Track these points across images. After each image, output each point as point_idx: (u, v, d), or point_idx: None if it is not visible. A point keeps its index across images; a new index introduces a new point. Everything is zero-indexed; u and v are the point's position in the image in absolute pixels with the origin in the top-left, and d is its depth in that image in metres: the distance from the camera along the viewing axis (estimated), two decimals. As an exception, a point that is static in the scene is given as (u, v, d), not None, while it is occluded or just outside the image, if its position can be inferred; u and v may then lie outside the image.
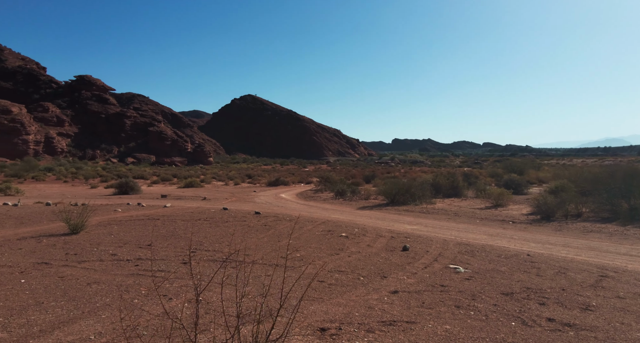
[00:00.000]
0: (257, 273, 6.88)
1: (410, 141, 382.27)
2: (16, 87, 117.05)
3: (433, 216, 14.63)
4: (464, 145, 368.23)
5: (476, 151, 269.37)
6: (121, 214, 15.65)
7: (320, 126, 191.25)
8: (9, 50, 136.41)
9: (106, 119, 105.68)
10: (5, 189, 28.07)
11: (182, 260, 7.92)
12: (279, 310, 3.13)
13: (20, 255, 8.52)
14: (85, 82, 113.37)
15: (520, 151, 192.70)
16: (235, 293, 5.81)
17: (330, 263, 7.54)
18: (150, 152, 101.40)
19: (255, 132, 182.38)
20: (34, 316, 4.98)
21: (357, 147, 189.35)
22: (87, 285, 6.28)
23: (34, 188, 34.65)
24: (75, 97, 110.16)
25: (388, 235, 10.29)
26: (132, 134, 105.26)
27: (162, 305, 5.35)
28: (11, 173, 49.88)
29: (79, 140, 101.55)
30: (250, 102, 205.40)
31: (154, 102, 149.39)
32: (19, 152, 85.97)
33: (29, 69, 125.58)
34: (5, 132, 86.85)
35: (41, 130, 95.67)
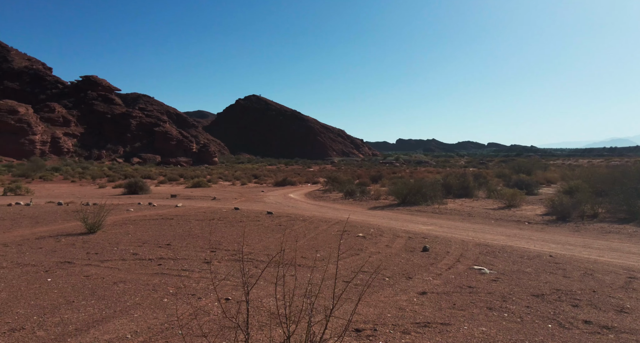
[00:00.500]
0: (279, 273, 6.87)
1: (414, 141, 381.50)
2: (22, 87, 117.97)
3: (446, 216, 14.58)
4: (469, 146, 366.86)
5: (481, 151, 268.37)
6: (134, 214, 15.72)
7: (325, 126, 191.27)
8: (15, 51, 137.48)
9: (112, 119, 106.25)
10: (15, 189, 28.26)
11: (204, 259, 7.94)
12: (332, 310, 3.12)
13: (42, 254, 8.57)
14: (91, 83, 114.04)
15: (525, 151, 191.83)
16: (261, 293, 5.83)
17: (352, 263, 7.53)
18: (156, 152, 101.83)
19: (259, 132, 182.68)
20: (67, 315, 5.01)
21: (361, 147, 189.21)
22: (114, 284, 6.31)
23: (42, 188, 34.84)
24: (81, 98, 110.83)
25: (405, 236, 10.26)
26: (138, 134, 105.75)
27: (192, 304, 5.38)
28: (19, 173, 50.29)
29: (85, 141, 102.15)
30: (254, 102, 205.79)
31: (158, 103, 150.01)
32: (25, 152, 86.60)
33: (35, 69, 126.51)
34: (12, 132, 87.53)
35: (47, 131, 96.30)
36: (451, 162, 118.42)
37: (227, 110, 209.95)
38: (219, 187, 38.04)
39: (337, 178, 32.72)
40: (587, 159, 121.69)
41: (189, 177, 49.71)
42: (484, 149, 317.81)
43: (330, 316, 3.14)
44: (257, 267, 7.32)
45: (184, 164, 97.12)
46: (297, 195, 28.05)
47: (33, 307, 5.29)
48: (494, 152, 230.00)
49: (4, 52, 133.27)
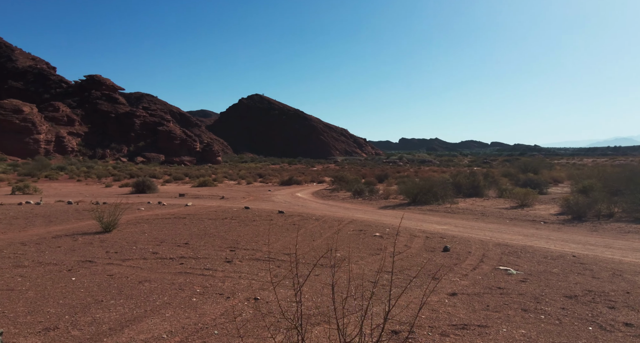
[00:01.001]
0: (302, 273, 6.82)
1: (417, 140, 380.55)
2: (27, 86, 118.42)
3: (460, 216, 14.51)
4: (472, 145, 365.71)
5: (484, 150, 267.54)
6: (146, 213, 15.72)
7: (328, 125, 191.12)
8: (19, 51, 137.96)
9: (116, 118, 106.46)
10: (23, 188, 28.35)
11: (225, 258, 7.90)
12: (387, 312, 3.07)
13: (62, 253, 8.56)
14: (95, 82, 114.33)
15: (529, 150, 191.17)
16: (289, 293, 5.79)
17: (374, 263, 7.48)
18: (160, 152, 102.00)
19: (262, 131, 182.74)
20: (99, 314, 4.99)
21: (364, 146, 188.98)
22: (139, 284, 6.28)
23: (49, 187, 34.94)
24: (85, 97, 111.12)
25: (422, 236, 10.20)
26: (142, 134, 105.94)
27: (221, 304, 5.34)
28: (24, 173, 50.44)
29: (89, 140, 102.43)
30: (257, 101, 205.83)
31: (162, 102, 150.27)
32: (30, 152, 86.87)
33: (39, 68, 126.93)
34: (16, 131, 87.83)
35: (52, 130, 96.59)
36: (455, 161, 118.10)
37: (231, 109, 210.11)
38: (225, 186, 38.05)
39: (344, 177, 32.67)
40: (592, 158, 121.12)
41: (195, 176, 49.76)
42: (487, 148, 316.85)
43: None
44: (279, 266, 7.28)
45: (187, 163, 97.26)
46: (304, 194, 28.02)
47: (63, 306, 5.27)
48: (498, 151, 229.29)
49: (8, 51, 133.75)
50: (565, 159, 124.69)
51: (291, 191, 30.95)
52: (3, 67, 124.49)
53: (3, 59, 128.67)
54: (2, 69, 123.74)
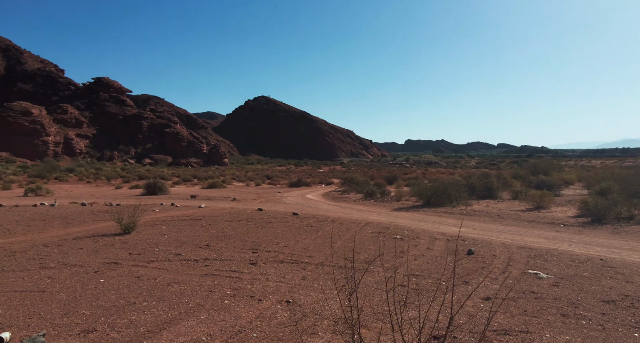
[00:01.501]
0: (330, 275, 6.79)
1: (423, 142, 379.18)
2: (36, 89, 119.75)
3: (476, 218, 14.40)
4: (478, 146, 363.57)
5: (491, 152, 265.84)
6: (161, 214, 15.78)
7: (334, 127, 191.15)
8: (28, 53, 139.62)
9: (124, 120, 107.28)
10: (36, 189, 28.60)
11: (249, 260, 7.89)
12: (451, 318, 3.03)
13: (85, 254, 8.60)
14: (103, 84, 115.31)
15: (536, 152, 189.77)
16: (321, 296, 5.75)
17: (399, 266, 7.42)
18: (167, 153, 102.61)
19: (268, 133, 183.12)
20: (134, 316, 4.99)
21: (370, 148, 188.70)
22: (168, 285, 6.28)
23: (59, 189, 35.22)
24: (93, 99, 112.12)
25: (443, 238, 10.13)
26: (149, 135, 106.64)
27: (254, 306, 5.33)
28: (34, 174, 50.89)
29: (97, 142, 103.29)
30: (263, 103, 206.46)
31: (169, 104, 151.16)
32: (38, 153, 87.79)
33: (48, 71, 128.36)
34: (25, 133, 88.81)
35: (60, 132, 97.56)
36: (462, 162, 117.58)
37: (237, 111, 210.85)
38: (234, 187, 38.13)
39: (353, 179, 32.60)
40: (600, 160, 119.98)
41: (203, 177, 49.97)
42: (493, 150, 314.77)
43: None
44: (304, 269, 7.25)
45: (194, 165, 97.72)
46: (314, 195, 28.00)
47: (97, 308, 5.28)
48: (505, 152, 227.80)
49: (17, 54, 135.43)
50: (573, 160, 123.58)
51: (301, 193, 30.95)
52: (12, 69, 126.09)
53: (12, 62, 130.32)
54: (11, 71, 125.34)
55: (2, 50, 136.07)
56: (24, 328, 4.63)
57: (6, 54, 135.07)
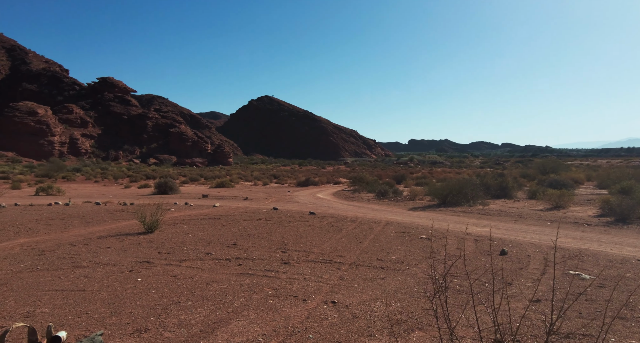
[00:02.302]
0: (367, 276, 6.73)
1: (426, 141, 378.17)
2: (41, 89, 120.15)
3: (496, 218, 14.31)
4: (482, 146, 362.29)
5: (495, 151, 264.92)
6: (178, 214, 15.76)
7: (337, 127, 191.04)
8: (33, 53, 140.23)
9: (128, 120, 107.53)
10: (47, 189, 28.67)
11: (281, 260, 7.84)
12: (552, 323, 2.97)
13: (114, 253, 8.58)
14: (108, 84, 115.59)
15: (540, 151, 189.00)
16: (364, 296, 5.69)
17: (435, 267, 7.34)
18: (171, 153, 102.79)
19: (272, 132, 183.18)
20: (183, 316, 4.95)
21: (373, 147, 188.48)
22: (207, 285, 6.24)
23: (68, 188, 35.28)
24: (98, 99, 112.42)
25: (470, 238, 10.05)
26: (154, 135, 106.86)
27: (300, 306, 5.27)
28: (41, 174, 51.05)
29: (102, 141, 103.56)
30: (267, 102, 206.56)
31: (173, 104, 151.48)
32: (44, 153, 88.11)
33: (52, 71, 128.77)
34: (31, 133, 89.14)
35: (66, 131, 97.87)
36: (466, 162, 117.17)
37: (240, 110, 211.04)
38: (242, 187, 38.11)
39: (363, 178, 32.52)
40: (606, 159, 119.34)
41: (209, 177, 50.00)
42: (497, 149, 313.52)
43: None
44: (339, 269, 7.19)
45: (199, 165, 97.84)
46: (325, 195, 27.93)
47: (142, 307, 5.25)
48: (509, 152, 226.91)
49: (22, 54, 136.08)
50: (578, 160, 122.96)
51: (310, 192, 30.89)
52: (17, 69, 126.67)
53: (17, 62, 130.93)
54: (16, 71, 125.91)
55: (7, 50, 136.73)
56: (75, 327, 4.60)
57: (11, 54, 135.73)
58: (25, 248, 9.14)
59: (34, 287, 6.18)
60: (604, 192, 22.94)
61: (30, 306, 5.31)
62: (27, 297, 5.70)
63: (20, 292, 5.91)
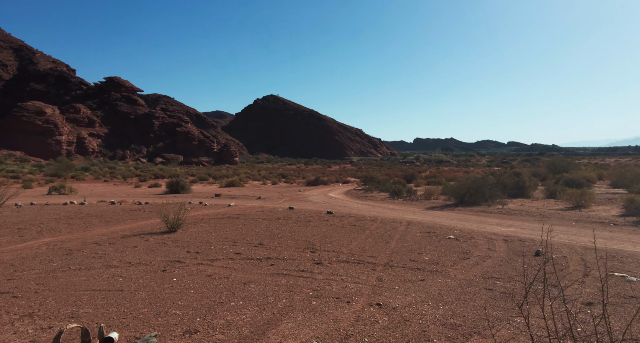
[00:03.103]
0: (405, 277, 6.61)
1: (432, 140, 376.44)
2: (48, 89, 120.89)
3: (518, 218, 14.12)
4: (488, 145, 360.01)
5: (501, 150, 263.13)
6: (195, 213, 15.71)
7: (342, 126, 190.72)
8: (40, 53, 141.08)
9: (135, 119, 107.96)
10: (59, 188, 28.81)
11: (313, 260, 7.74)
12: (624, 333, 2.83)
13: (142, 252, 8.52)
14: (115, 84, 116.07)
15: (547, 150, 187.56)
16: (409, 299, 5.57)
17: (470, 268, 7.19)
18: (178, 152, 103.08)
19: (277, 131, 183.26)
20: (229, 316, 4.86)
21: (379, 146, 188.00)
22: (245, 285, 6.15)
23: (79, 188, 35.45)
24: (105, 98, 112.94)
25: (498, 238, 9.89)
26: (160, 135, 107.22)
27: (346, 308, 5.16)
28: (51, 173, 51.35)
29: (109, 141, 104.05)
30: (272, 102, 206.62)
31: (178, 103, 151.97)
32: (52, 152, 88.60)
33: (59, 71, 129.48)
34: (39, 132, 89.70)
35: (73, 131, 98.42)
36: (473, 161, 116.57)
37: (246, 110, 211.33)
38: (252, 186, 38.10)
39: (374, 177, 32.36)
40: (614, 158, 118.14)
41: (218, 176, 50.05)
42: (504, 148, 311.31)
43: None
44: (374, 269, 7.07)
45: (205, 164, 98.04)
46: (336, 194, 27.83)
47: (185, 308, 5.16)
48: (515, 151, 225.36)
49: (29, 54, 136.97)
50: (586, 158, 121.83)
51: (321, 191, 30.79)
52: (25, 69, 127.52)
53: (25, 62, 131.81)
54: (24, 71, 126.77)
55: (15, 50, 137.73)
56: (123, 328, 4.52)
57: (19, 54, 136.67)
58: (52, 248, 9.11)
59: (70, 286, 6.12)
60: (621, 191, 22.63)
61: (72, 306, 5.24)
62: (66, 296, 5.64)
63: (57, 292, 5.85)
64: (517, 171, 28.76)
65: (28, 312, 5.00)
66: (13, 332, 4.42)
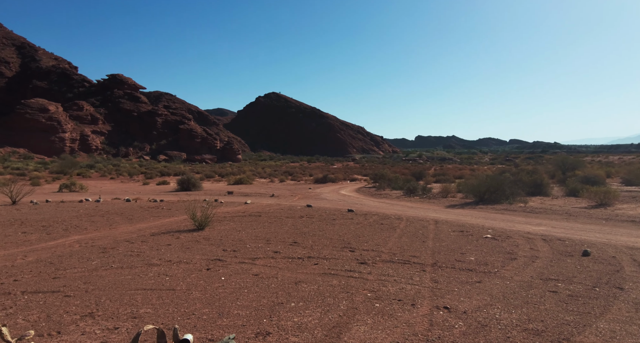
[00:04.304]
0: (459, 278, 6.42)
1: (433, 138, 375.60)
2: (51, 86, 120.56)
3: (544, 216, 13.94)
4: (490, 142, 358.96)
5: (503, 148, 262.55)
6: (215, 211, 15.49)
7: (344, 123, 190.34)
8: (42, 51, 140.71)
9: (138, 117, 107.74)
10: (70, 185, 28.67)
11: (356, 259, 7.56)
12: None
13: (178, 251, 8.36)
14: (117, 81, 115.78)
15: (549, 148, 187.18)
16: (475, 302, 5.40)
17: (522, 269, 6.97)
18: (181, 150, 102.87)
19: (279, 129, 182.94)
20: (296, 318, 4.68)
21: (381, 144, 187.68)
22: (297, 285, 5.99)
23: (88, 185, 35.30)
24: (108, 96, 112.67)
25: (537, 238, 9.71)
26: (163, 132, 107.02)
27: (413, 312, 5.00)
28: (56, 171, 51.21)
29: (112, 138, 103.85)
30: (274, 99, 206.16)
31: (181, 100, 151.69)
32: (56, 150, 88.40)
33: (62, 68, 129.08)
34: (42, 130, 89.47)
35: (76, 128, 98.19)
36: (475, 159, 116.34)
37: (247, 107, 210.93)
38: (259, 184, 37.93)
39: (384, 175, 32.19)
40: (617, 156, 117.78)
41: (224, 174, 49.89)
42: (505, 146, 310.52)
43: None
44: (424, 270, 6.88)
45: (208, 161, 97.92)
46: (347, 192, 27.66)
47: (246, 308, 5.00)
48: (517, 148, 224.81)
49: (32, 51, 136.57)
50: (589, 156, 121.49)
51: (332, 189, 30.61)
52: (27, 67, 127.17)
53: (27, 59, 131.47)
54: (26, 69, 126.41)
55: (17, 47, 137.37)
56: (191, 329, 4.36)
57: (21, 52, 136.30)
58: (84, 245, 8.96)
59: (118, 285, 5.97)
60: (636, 188, 22.47)
61: (130, 306, 5.08)
62: (119, 296, 5.48)
63: (108, 291, 5.69)
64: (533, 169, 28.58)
65: (88, 312, 4.84)
66: (80, 332, 4.27)
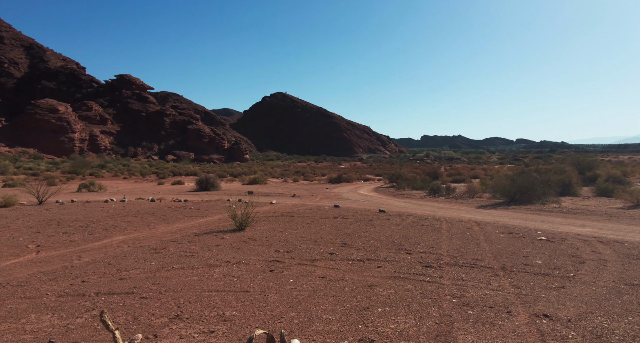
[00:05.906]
0: (539, 283, 6.17)
1: (439, 137, 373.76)
2: (59, 86, 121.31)
3: (583, 217, 13.65)
4: (497, 142, 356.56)
5: (510, 147, 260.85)
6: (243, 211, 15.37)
7: (350, 123, 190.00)
8: (50, 51, 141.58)
9: (146, 117, 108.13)
10: (89, 185, 28.69)
11: (419, 262, 7.36)
12: None
13: (231, 251, 8.19)
14: (125, 81, 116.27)
15: (557, 147, 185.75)
16: (572, 311, 5.16)
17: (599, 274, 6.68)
18: (189, 150, 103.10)
19: (285, 129, 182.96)
20: (392, 325, 4.49)
21: (387, 144, 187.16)
22: (370, 288, 5.79)
23: (104, 185, 35.24)
24: (116, 96, 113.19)
25: (593, 240, 9.44)
26: (172, 132, 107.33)
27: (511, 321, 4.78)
28: (68, 171, 51.38)
29: (121, 138, 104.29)
30: (280, 99, 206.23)
31: (188, 101, 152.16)
32: (65, 150, 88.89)
33: (70, 69, 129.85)
34: (52, 130, 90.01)
35: (86, 129, 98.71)
36: (483, 158, 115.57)
37: (253, 107, 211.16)
38: (273, 184, 37.79)
39: (402, 175, 31.94)
40: (627, 155, 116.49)
41: (235, 174, 49.86)
42: (512, 145, 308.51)
43: None
44: (496, 274, 6.63)
45: (216, 161, 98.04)
46: (366, 191, 27.43)
47: (332, 313, 4.81)
48: (524, 148, 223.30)
49: (40, 52, 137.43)
50: (599, 155, 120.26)
51: (349, 188, 30.39)
52: (36, 67, 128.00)
53: (36, 60, 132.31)
54: (35, 69, 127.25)
55: (26, 48, 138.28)
56: (289, 335, 4.17)
57: (29, 52, 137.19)
58: (133, 246, 8.82)
59: (189, 286, 5.81)
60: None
61: (213, 308, 4.92)
62: (196, 297, 5.32)
63: (181, 292, 5.53)
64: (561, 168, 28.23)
65: (174, 315, 4.68)
66: (178, 336, 4.10)
